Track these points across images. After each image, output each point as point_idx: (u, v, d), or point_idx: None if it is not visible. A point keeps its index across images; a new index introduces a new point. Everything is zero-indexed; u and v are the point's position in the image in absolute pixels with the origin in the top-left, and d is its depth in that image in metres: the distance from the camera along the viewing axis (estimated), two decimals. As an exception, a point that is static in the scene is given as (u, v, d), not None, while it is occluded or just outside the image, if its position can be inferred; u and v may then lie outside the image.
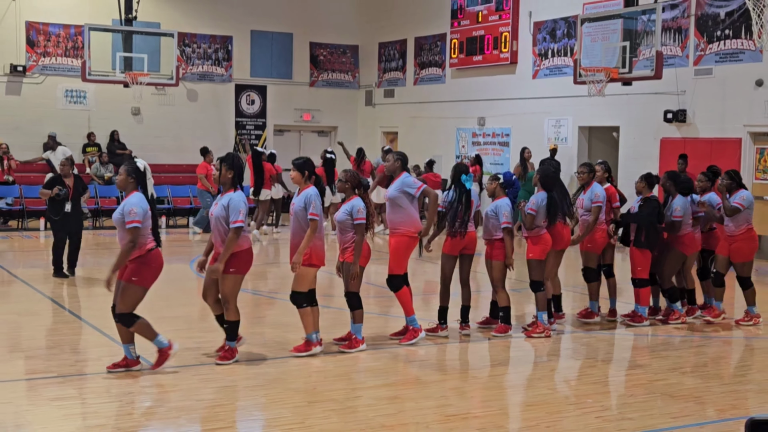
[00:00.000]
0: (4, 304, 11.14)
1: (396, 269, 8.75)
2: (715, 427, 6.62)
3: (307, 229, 7.96)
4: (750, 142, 16.10)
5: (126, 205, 7.36)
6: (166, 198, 21.21)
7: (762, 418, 1.49)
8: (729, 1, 16.04)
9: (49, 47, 22.66)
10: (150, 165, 22.58)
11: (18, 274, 13.15)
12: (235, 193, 7.80)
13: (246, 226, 7.92)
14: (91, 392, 7.22)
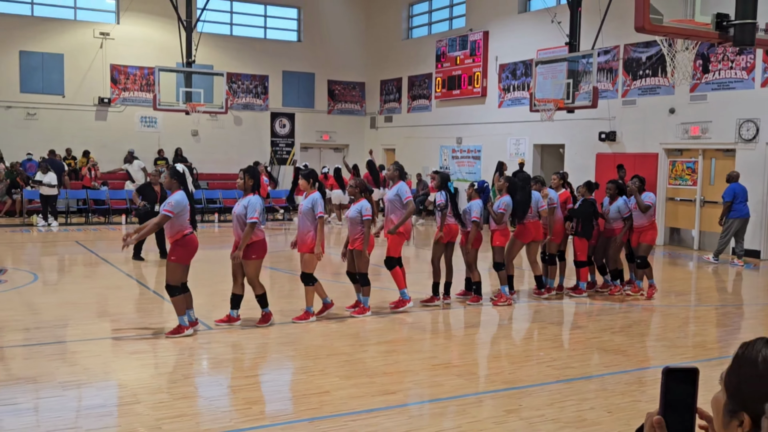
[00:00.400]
0: (94, 280, 11.17)
1: (392, 253, 8.77)
2: (637, 373, 6.67)
3: (312, 224, 7.98)
4: (665, 156, 16.18)
5: (175, 201, 7.31)
6: (217, 199, 21.23)
7: (675, 366, 1.49)
8: (648, 48, 16.06)
9: (128, 84, 22.65)
10: (204, 174, 22.79)
11: (105, 257, 13.17)
12: (253, 196, 7.75)
13: (262, 222, 7.80)
14: (160, 347, 7.27)
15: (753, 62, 14.40)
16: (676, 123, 15.82)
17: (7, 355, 6.79)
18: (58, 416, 5.25)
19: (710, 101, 15.18)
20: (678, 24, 7.66)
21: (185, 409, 5.45)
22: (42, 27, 21.63)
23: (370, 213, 8.32)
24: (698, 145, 15.54)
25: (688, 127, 15.61)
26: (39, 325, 7.97)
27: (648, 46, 16.03)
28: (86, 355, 6.89)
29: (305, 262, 8.11)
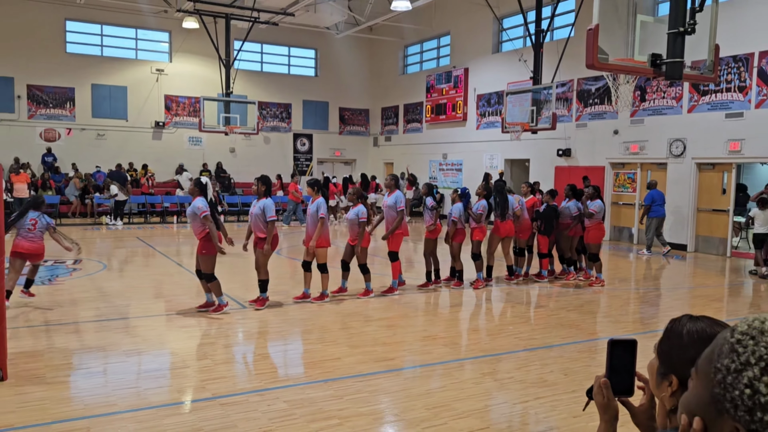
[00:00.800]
0: (151, 268, 11.14)
1: (393, 248, 8.82)
2: (588, 344, 6.67)
3: (316, 223, 7.98)
4: (610, 168, 16.18)
5: (195, 205, 7.41)
6: (250, 203, 21.18)
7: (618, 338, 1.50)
8: (597, 82, 16.06)
9: (178, 110, 22.66)
10: (239, 183, 22.69)
11: (160, 250, 13.19)
12: (267, 199, 7.73)
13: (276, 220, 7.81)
14: (204, 323, 7.27)
15: (681, 93, 14.41)
16: (619, 142, 15.83)
17: (82, 329, 6.79)
18: (122, 378, 5.26)
19: (647, 124, 15.18)
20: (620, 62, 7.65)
21: (224, 372, 5.45)
22: (109, 65, 21.64)
23: (365, 216, 8.31)
24: (637, 160, 15.54)
25: (628, 145, 15.62)
26: (107, 305, 7.99)
27: (596, 80, 16.03)
28: (145, 328, 6.89)
29: (319, 255, 8.10)
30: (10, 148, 19.05)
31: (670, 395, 1.31)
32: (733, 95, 13.34)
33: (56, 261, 11.41)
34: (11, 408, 4.48)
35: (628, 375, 1.49)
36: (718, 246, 13.90)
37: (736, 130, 13.24)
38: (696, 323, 1.32)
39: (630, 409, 1.51)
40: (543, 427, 4.40)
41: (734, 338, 0.88)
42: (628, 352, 1.49)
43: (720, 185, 13.83)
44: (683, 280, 11.11)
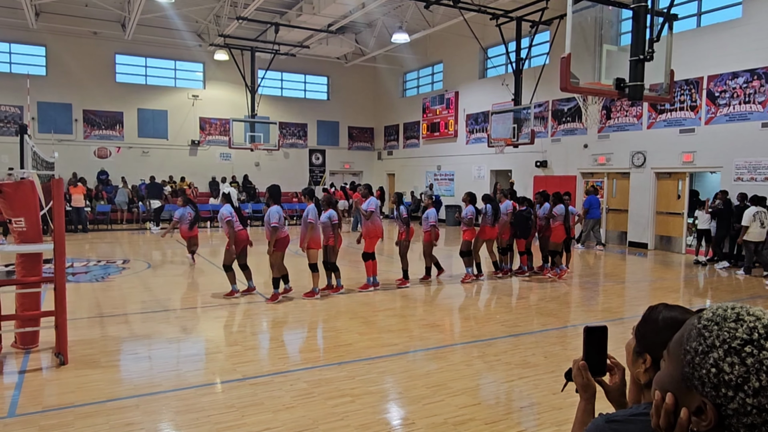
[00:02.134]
0: (185, 266, 11.11)
1: (367, 249, 8.59)
2: (564, 330, 6.63)
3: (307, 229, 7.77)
4: (581, 177, 16.09)
5: (223, 212, 7.80)
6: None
7: (593, 325, 1.50)
8: (569, 102, 16.01)
9: (211, 130, 22.63)
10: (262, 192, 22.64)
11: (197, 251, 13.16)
12: (273, 207, 7.61)
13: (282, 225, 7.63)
14: (235, 313, 7.27)
15: (641, 111, 14.36)
16: (589, 154, 15.77)
17: (130, 320, 6.80)
18: (165, 362, 5.25)
19: (612, 139, 15.13)
20: (589, 86, 7.63)
21: (252, 356, 5.44)
22: (152, 92, 21.68)
23: (336, 219, 8.11)
24: (604, 170, 15.48)
25: (597, 157, 15.56)
26: (151, 298, 7.99)
27: (569, 101, 15.99)
28: (184, 319, 6.89)
29: (309, 255, 7.88)
30: (69, 164, 19.08)
31: (644, 371, 1.33)
32: (686, 113, 13.29)
33: (108, 261, 11.44)
34: (72, 388, 4.48)
35: (602, 357, 1.50)
36: (674, 244, 13.86)
37: (688, 143, 13.19)
38: (671, 311, 1.33)
39: (604, 387, 1.52)
40: (526, 402, 4.38)
41: (701, 324, 0.89)
42: (601, 337, 1.50)
43: (676, 191, 13.77)
44: (644, 275, 11.06)
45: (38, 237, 5.45)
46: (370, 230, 8.58)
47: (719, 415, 0.83)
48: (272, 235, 7.53)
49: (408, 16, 17.52)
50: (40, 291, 5.61)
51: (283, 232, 7.66)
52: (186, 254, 11.59)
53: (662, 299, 7.07)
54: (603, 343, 1.50)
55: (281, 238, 7.64)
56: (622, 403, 1.49)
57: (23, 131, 5.52)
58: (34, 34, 19.16)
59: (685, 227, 13.51)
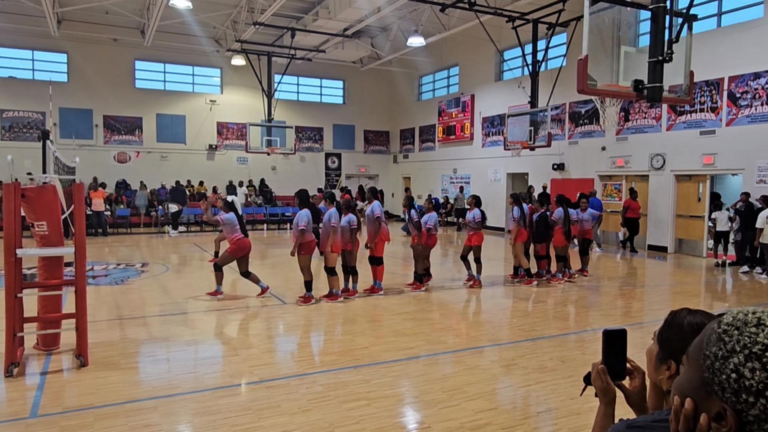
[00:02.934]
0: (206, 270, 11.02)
1: (377, 254, 8.53)
2: (582, 334, 6.56)
3: (329, 230, 7.74)
4: (599, 180, 15.93)
5: (224, 218, 8.04)
6: (289, 213, 21.30)
7: (612, 328, 1.49)
8: (586, 104, 15.89)
9: (228, 135, 22.85)
10: (279, 196, 22.84)
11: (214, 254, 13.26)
12: (302, 210, 7.66)
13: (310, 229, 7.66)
14: (251, 316, 7.31)
15: (660, 113, 14.19)
16: (607, 157, 15.62)
17: (149, 322, 6.87)
18: (183, 364, 5.30)
19: (630, 141, 14.96)
20: (607, 88, 7.55)
21: (268, 359, 5.47)
22: (171, 97, 21.97)
23: (355, 223, 8.14)
24: (622, 172, 15.31)
25: (615, 159, 15.39)
26: (169, 301, 8.07)
27: (586, 103, 15.86)
28: (201, 322, 6.94)
29: (329, 258, 7.90)
30: (89, 169, 19.40)
31: (668, 378, 1.30)
32: (706, 115, 13.09)
33: (127, 264, 11.58)
34: (92, 390, 4.54)
35: (621, 361, 1.48)
36: (694, 248, 13.65)
37: (709, 145, 12.99)
38: (695, 316, 1.31)
39: (624, 392, 1.50)
40: (544, 407, 4.34)
41: (721, 329, 0.87)
42: (620, 340, 1.48)
43: (696, 194, 13.56)
44: (664, 278, 10.90)
45: (60, 240, 5.54)
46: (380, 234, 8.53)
47: (740, 422, 0.82)
48: (299, 238, 7.58)
49: (424, 19, 17.52)
50: (61, 294, 5.70)
51: (309, 236, 7.70)
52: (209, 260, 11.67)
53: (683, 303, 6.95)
54: (622, 347, 1.48)
55: (307, 242, 7.67)
56: (642, 408, 1.47)
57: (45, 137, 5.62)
58: (56, 41, 19.55)
59: (706, 230, 13.30)
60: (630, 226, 14.01)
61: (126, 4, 17.93)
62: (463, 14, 16.32)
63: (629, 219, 13.95)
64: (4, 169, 5.84)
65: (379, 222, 8.40)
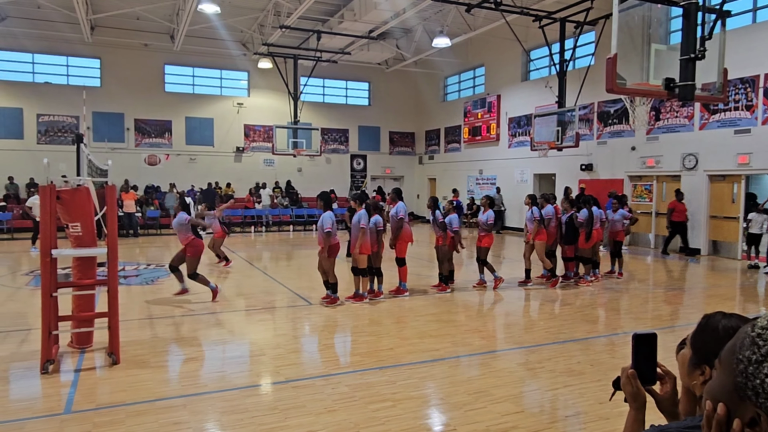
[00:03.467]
0: (233, 271, 11.27)
1: (400, 255, 8.53)
2: (611, 337, 6.45)
3: (357, 232, 7.79)
4: (628, 180, 15.63)
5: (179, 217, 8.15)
6: (315, 215, 21.42)
7: (642, 332, 1.46)
8: (615, 104, 15.61)
9: (255, 137, 23.14)
10: (305, 197, 22.93)
11: (241, 255, 13.43)
12: (326, 213, 7.65)
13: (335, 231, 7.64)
14: (279, 317, 7.37)
15: (693, 112, 13.86)
16: (637, 157, 15.32)
17: (178, 322, 6.99)
18: (211, 363, 5.38)
19: (661, 141, 14.65)
20: (637, 86, 7.41)
21: (295, 359, 5.51)
22: (199, 100, 22.36)
23: (381, 225, 8.14)
24: (653, 173, 14.99)
25: (645, 159, 15.09)
26: (198, 302, 8.20)
27: (615, 102, 15.59)
28: (229, 322, 7.04)
29: (359, 259, 7.92)
30: (121, 171, 19.86)
31: (701, 383, 1.27)
32: (741, 113, 12.73)
33: (157, 265, 11.81)
34: (123, 387, 4.65)
35: (652, 365, 1.45)
36: (729, 250, 13.28)
37: (744, 144, 12.63)
38: (730, 320, 1.28)
39: (655, 397, 1.47)
40: (572, 412, 4.27)
41: (755, 332, 0.85)
42: (651, 344, 1.45)
43: (730, 195, 13.20)
44: (697, 281, 10.64)
45: (93, 241, 5.69)
46: (402, 235, 8.52)
47: None
48: (325, 241, 7.59)
49: (449, 20, 17.47)
50: (94, 293, 5.85)
51: (334, 239, 7.69)
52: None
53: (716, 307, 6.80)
54: (653, 351, 1.46)
55: (333, 245, 7.68)
56: (674, 414, 1.44)
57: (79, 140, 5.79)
58: (89, 47, 20.10)
59: (740, 232, 12.93)
60: (676, 229, 13.55)
61: (156, 9, 18.32)
62: (489, 14, 16.21)
63: (675, 222, 13.47)
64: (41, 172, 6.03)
65: (402, 223, 8.39)
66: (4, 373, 4.99)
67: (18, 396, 4.52)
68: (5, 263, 12.10)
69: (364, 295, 8.08)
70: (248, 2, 18.00)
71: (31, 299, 8.07)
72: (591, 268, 9.77)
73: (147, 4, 17.69)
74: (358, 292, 8.08)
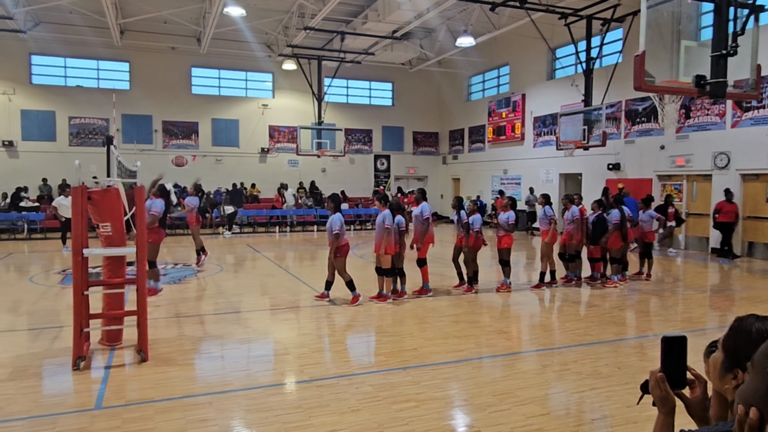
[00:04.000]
0: (258, 270, 11.41)
1: (421, 255, 8.50)
2: (640, 340, 6.33)
3: (382, 232, 7.78)
4: (657, 180, 15.32)
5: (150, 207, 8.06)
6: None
7: (671, 335, 1.43)
8: (644, 102, 15.32)
9: (279, 138, 23.37)
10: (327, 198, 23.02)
11: (266, 255, 13.58)
12: (335, 214, 7.69)
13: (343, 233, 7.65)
14: (302, 316, 7.42)
15: (724, 110, 13.52)
16: (666, 156, 15.01)
17: (204, 320, 7.10)
18: (236, 361, 5.45)
19: (692, 139, 14.32)
20: (666, 84, 7.26)
21: (319, 358, 5.54)
22: (225, 102, 22.67)
23: (404, 225, 8.13)
24: (683, 172, 14.67)
25: (674, 158, 14.78)
26: (224, 300, 8.31)
27: (643, 100, 15.31)
28: (254, 320, 7.11)
29: (383, 260, 7.93)
30: (149, 172, 20.22)
31: (733, 387, 1.24)
32: (776, 110, 12.38)
33: (184, 264, 12.01)
34: (151, 384, 4.74)
35: (682, 369, 1.42)
36: (765, 251, 12.91)
37: (779, 142, 12.27)
38: (763, 322, 1.26)
39: (685, 401, 1.44)
40: (598, 415, 4.21)
41: None
42: (681, 347, 1.43)
43: (764, 194, 12.83)
44: (729, 283, 10.36)
45: (123, 241, 5.82)
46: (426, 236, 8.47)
47: None
48: (334, 242, 7.65)
49: (473, 19, 17.37)
50: (124, 291, 5.98)
51: (344, 240, 7.73)
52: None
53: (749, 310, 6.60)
54: (682, 354, 1.43)
55: (342, 246, 7.73)
56: (704, 419, 1.41)
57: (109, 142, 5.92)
58: (119, 51, 20.56)
59: (775, 233, 12.56)
60: (723, 231, 13.02)
61: (183, 13, 18.63)
62: (514, 12, 16.06)
63: (721, 223, 12.94)
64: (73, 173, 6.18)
65: (428, 223, 8.35)
66: (38, 369, 5.14)
67: (51, 391, 4.64)
68: (39, 262, 12.45)
69: (387, 295, 8.08)
70: (273, 4, 18.19)
71: (63, 297, 8.29)
72: (620, 269, 9.60)
73: (174, 8, 18.01)
74: (382, 292, 8.09)
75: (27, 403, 4.30)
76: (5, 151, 19.90)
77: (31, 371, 5.05)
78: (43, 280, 10.04)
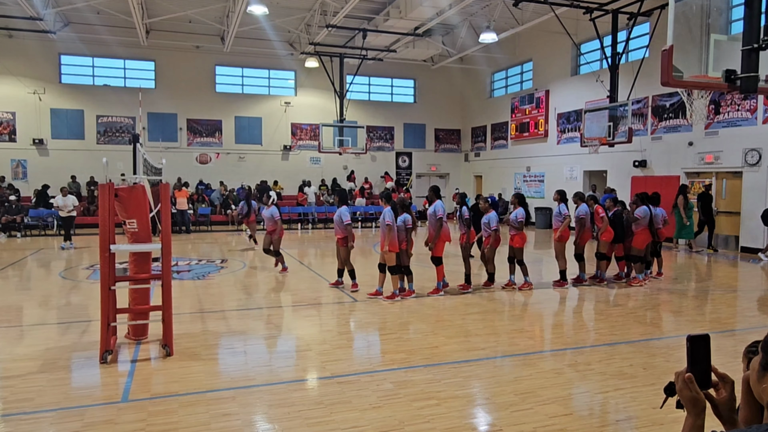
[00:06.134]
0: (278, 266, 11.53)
1: (437, 254, 8.42)
2: (666, 341, 6.21)
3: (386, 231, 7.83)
4: (685, 177, 15.00)
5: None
6: (359, 212, 21.62)
7: (696, 334, 1.41)
8: (671, 98, 15.01)
9: (302, 135, 23.51)
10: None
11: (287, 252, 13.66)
12: (342, 207, 8.34)
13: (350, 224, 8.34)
14: (324, 313, 7.46)
15: (755, 105, 13.17)
16: (694, 152, 14.68)
17: (228, 316, 7.19)
18: (259, 357, 5.51)
19: (721, 135, 13.98)
20: (695, 79, 7.06)
21: (341, 355, 5.57)
22: (248, 100, 22.88)
23: (411, 223, 8.18)
24: (712, 169, 14.34)
25: (703, 155, 14.45)
26: (247, 297, 8.41)
27: (671, 96, 14.99)
28: (276, 317, 7.17)
29: (387, 257, 7.93)
30: (174, 170, 20.57)
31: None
32: (810, 105, 12.00)
33: (208, 260, 12.16)
34: (176, 378, 4.82)
35: (706, 368, 1.40)
36: (796, 249, 12.56)
37: (814, 138, 11.90)
38: None
39: (712, 402, 1.41)
40: (623, 416, 4.15)
41: None
42: (705, 346, 1.40)
43: (798, 191, 12.47)
44: (759, 283, 10.10)
45: (148, 237, 5.92)
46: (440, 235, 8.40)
47: None
48: (345, 232, 8.26)
49: (496, 14, 17.21)
50: (149, 287, 6.09)
51: (350, 231, 8.34)
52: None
53: (781, 311, 6.38)
54: (707, 354, 1.40)
55: (344, 237, 8.30)
56: (732, 421, 1.38)
57: (136, 140, 6.03)
58: (144, 50, 20.90)
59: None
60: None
61: (207, 12, 18.85)
62: (537, 8, 15.87)
63: None
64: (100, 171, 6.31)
65: (441, 222, 8.32)
66: (67, 362, 5.27)
67: (79, 384, 4.76)
68: (68, 257, 12.75)
69: (395, 293, 8.08)
70: (295, 2, 18.28)
71: (91, 292, 8.48)
72: (643, 267, 9.43)
73: (199, 7, 18.23)
74: (380, 289, 8.22)
75: (56, 395, 4.41)
76: (36, 149, 20.41)
77: (60, 364, 5.18)
78: (72, 275, 10.28)
